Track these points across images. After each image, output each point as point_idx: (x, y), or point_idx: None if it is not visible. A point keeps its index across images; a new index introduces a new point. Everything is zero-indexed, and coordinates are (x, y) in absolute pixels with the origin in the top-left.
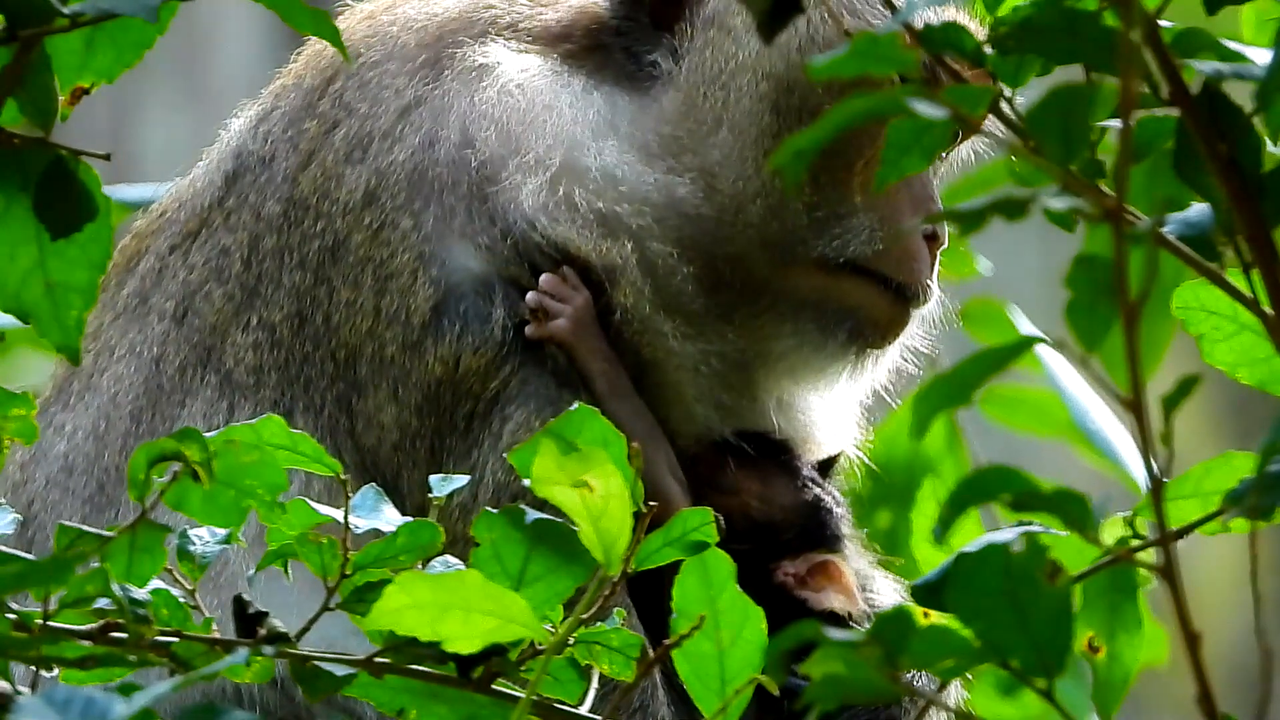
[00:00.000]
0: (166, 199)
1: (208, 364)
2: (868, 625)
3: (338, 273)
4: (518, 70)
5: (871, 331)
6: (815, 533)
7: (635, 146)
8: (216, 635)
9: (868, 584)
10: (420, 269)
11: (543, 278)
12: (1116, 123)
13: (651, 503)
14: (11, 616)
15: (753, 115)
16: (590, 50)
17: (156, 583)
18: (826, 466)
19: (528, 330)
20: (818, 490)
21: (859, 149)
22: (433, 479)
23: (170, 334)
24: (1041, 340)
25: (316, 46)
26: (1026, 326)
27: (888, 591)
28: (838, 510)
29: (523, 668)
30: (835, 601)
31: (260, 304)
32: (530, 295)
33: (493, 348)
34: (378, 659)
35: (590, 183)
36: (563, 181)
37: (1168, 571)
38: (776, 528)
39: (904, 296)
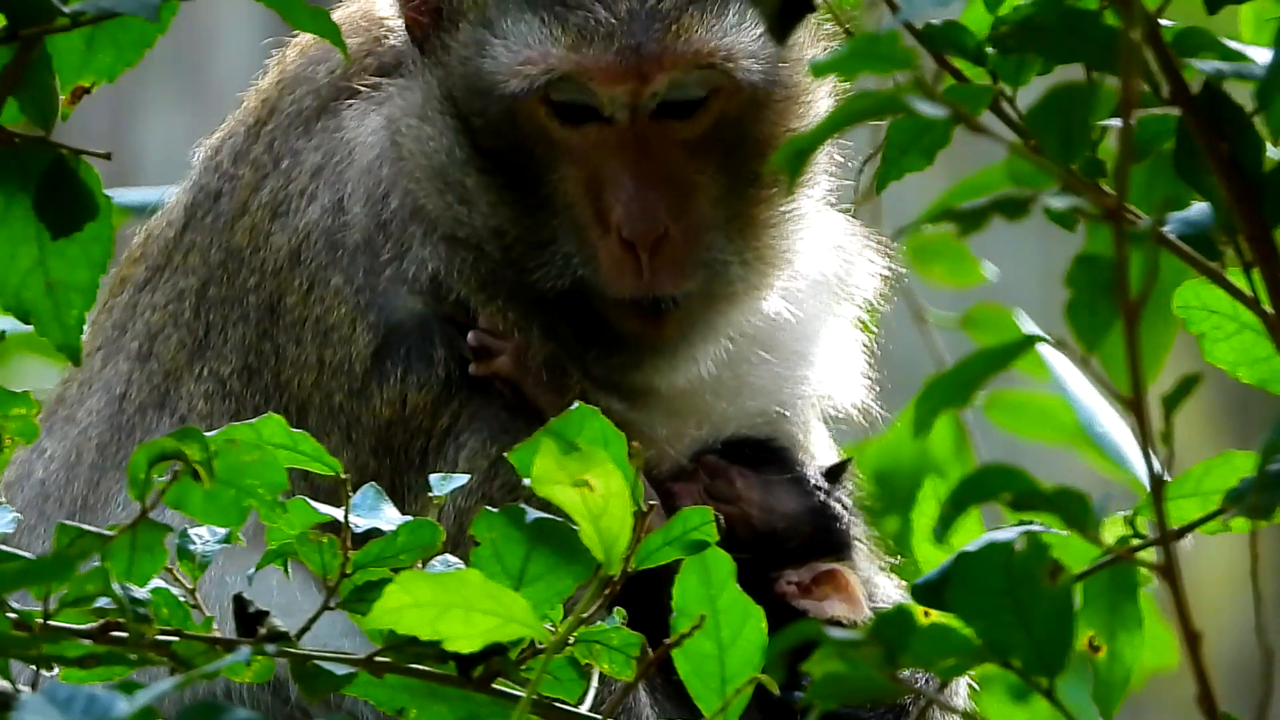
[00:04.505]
0: (152, 221)
1: (163, 406)
2: None
3: (280, 330)
4: (383, 126)
5: (637, 333)
6: (821, 540)
7: (461, 193)
8: (217, 634)
9: (872, 589)
10: (358, 318)
11: (480, 316)
12: (1117, 122)
13: (652, 501)
14: (12, 615)
15: (454, 142)
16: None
17: (157, 582)
18: (835, 473)
19: (471, 369)
20: (823, 497)
21: (542, 171)
22: (433, 478)
23: (134, 373)
24: (1043, 340)
25: (267, 77)
26: (1032, 331)
27: (892, 595)
28: (845, 516)
29: (523, 667)
30: (838, 610)
31: (211, 355)
32: (470, 335)
33: (438, 384)
34: (378, 658)
35: (466, 252)
36: (457, 249)
37: (1168, 571)
38: (779, 536)
39: (636, 305)
